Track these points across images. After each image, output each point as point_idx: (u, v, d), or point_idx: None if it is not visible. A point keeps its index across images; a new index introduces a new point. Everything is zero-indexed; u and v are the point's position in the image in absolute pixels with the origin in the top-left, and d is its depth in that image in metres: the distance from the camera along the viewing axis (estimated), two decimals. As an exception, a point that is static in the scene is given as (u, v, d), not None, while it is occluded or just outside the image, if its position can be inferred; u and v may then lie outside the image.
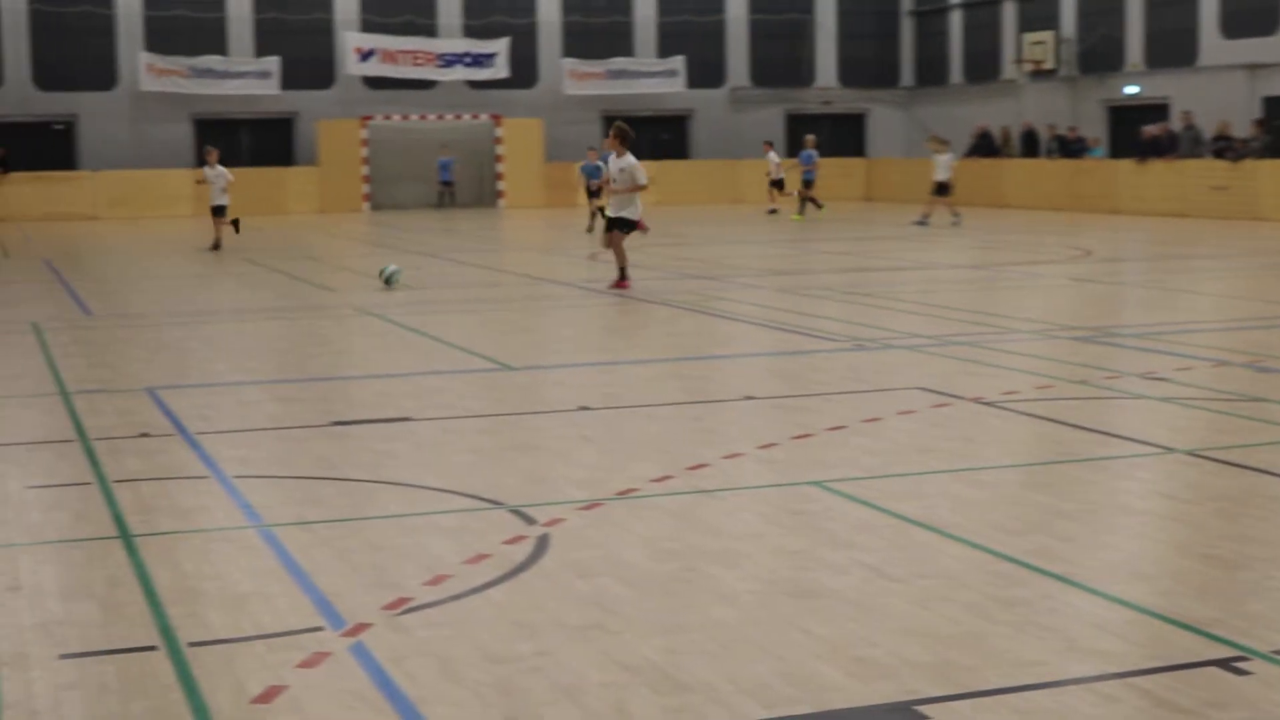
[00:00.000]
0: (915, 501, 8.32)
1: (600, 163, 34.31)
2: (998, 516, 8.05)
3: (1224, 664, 5.71)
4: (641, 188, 20.50)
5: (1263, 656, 5.79)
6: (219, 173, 29.82)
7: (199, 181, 31.11)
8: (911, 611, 6.40)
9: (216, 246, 29.24)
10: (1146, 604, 6.45)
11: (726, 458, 9.59)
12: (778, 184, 42.04)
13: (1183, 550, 7.45)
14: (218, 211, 29.72)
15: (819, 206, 39.63)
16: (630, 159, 20.42)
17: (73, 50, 46.04)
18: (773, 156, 42.49)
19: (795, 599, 6.60)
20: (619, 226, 20.70)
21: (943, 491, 8.61)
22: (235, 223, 29.76)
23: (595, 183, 32.75)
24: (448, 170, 46.29)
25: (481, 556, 7.29)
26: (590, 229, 32.64)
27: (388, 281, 20.86)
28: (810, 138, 41.61)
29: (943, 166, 35.61)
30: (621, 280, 20.55)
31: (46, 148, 45.49)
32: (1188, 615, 6.28)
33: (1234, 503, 8.34)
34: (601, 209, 33.85)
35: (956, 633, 6.12)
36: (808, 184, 39.51)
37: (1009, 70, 48.31)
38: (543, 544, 7.52)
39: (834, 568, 7.06)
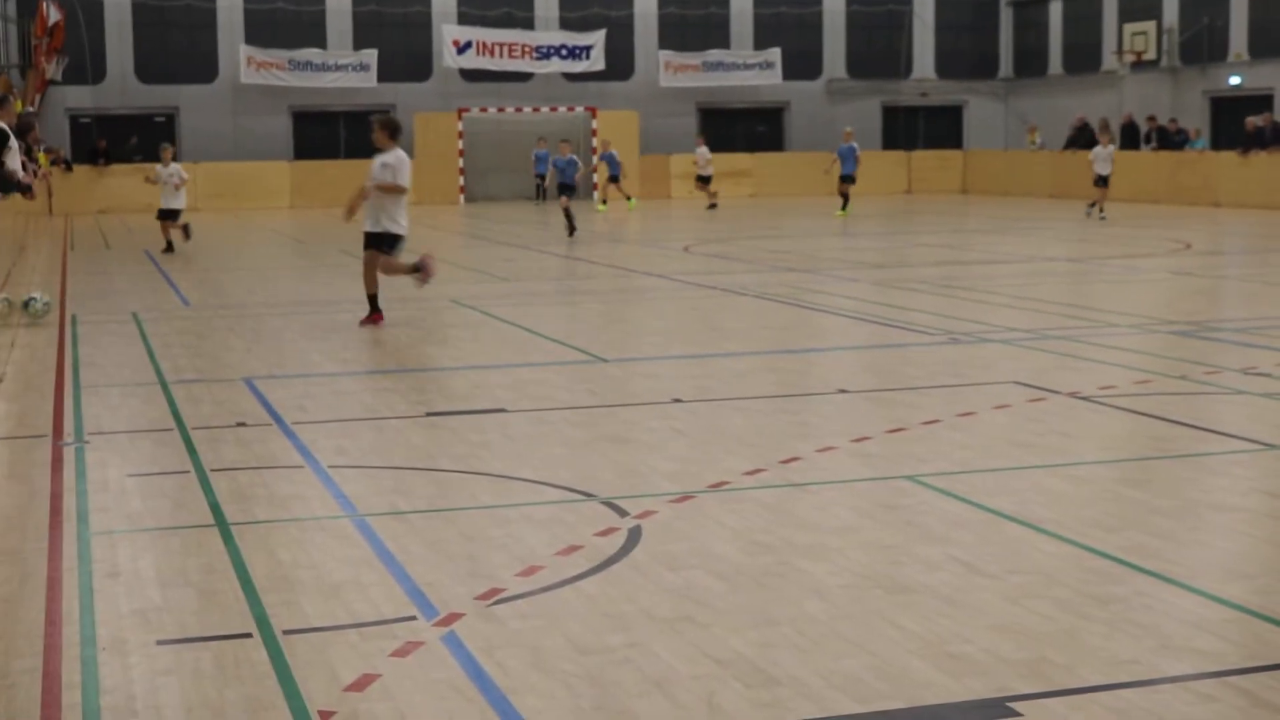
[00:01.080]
0: (1009, 497, 8.26)
1: (574, 157, 31.46)
2: (1093, 513, 7.97)
3: (1324, 664, 5.63)
4: (399, 189, 15.91)
5: (1364, 657, 5.70)
6: (173, 171, 27.17)
7: (149, 180, 28.13)
8: (1004, 608, 6.35)
9: (169, 249, 26.98)
10: (1245, 602, 6.36)
11: (819, 451, 9.56)
12: (705, 180, 41.49)
13: (1283, 548, 7.34)
14: (169, 215, 27.16)
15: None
16: (398, 153, 15.99)
17: (174, 43, 46.66)
18: (703, 151, 41.84)
19: (887, 594, 6.57)
20: (379, 245, 16.14)
21: (1037, 487, 8.54)
22: (186, 228, 27.40)
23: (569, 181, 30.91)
24: (544, 163, 46.39)
25: (573, 548, 7.31)
26: (571, 232, 30.02)
27: (26, 308, 16.82)
28: (849, 130, 39.80)
29: (1103, 159, 34.02)
30: (373, 314, 16.32)
31: (147, 140, 46.07)
32: (1287, 614, 6.19)
33: (1336, 501, 8.21)
34: (568, 209, 29.87)
35: (1050, 630, 6.07)
36: (845, 179, 37.75)
37: (1109, 61, 47.78)
38: (634, 536, 7.53)
39: (927, 563, 7.02)
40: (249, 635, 6.11)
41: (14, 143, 21.91)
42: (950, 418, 10.56)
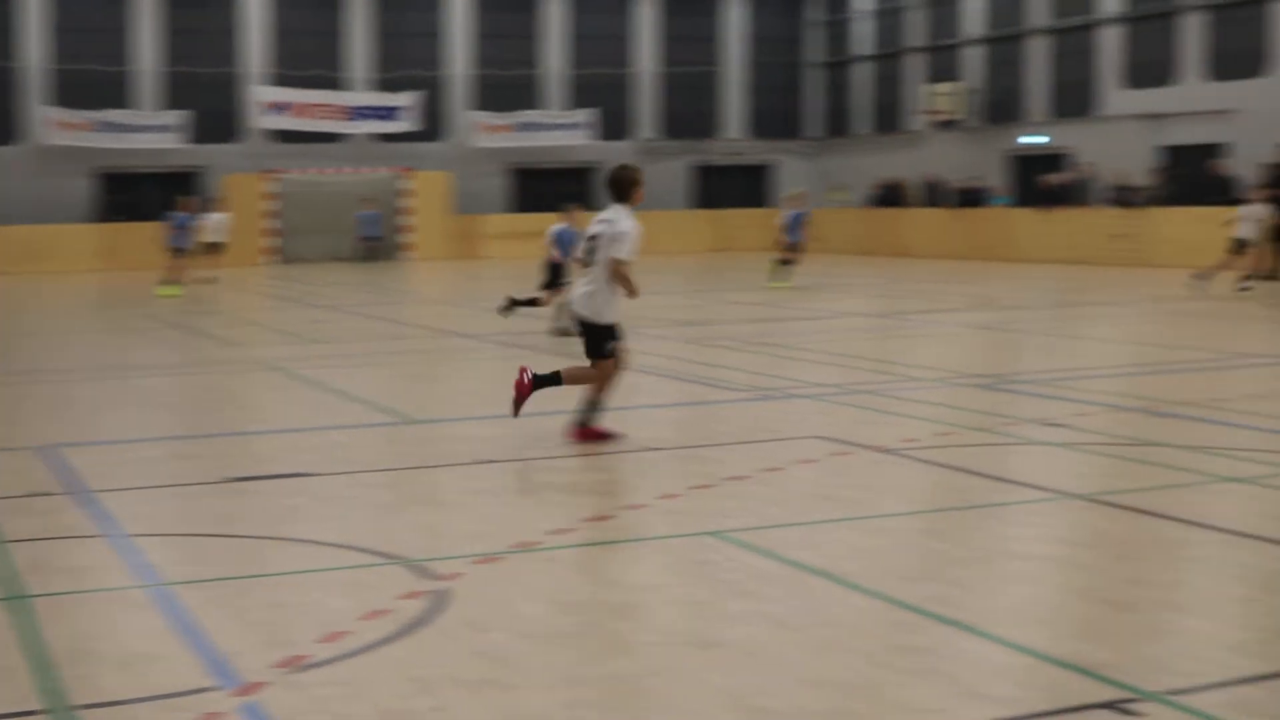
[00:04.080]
0: (815, 550, 8.35)
1: (578, 231, 22.49)
2: (895, 564, 8.09)
3: (1113, 706, 5.77)
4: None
5: (1154, 698, 5.85)
6: None
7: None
8: (810, 661, 6.41)
9: None
10: (1042, 649, 6.50)
11: (627, 509, 9.58)
12: (214, 246, 36.70)
13: (1078, 594, 7.53)
14: None
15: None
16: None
17: (-27, 105, 45.58)
18: (217, 219, 37.23)
19: (696, 650, 6.60)
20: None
21: (842, 540, 8.64)
22: None
23: (576, 259, 20.14)
24: (372, 225, 45.86)
25: (379, 612, 7.23)
26: (559, 327, 21.04)
27: None
28: (800, 191, 34.26)
29: (1248, 222, 28.52)
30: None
31: (-54, 204, 44.97)
32: (1081, 659, 6.33)
33: (1129, 547, 8.44)
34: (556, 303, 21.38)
35: (855, 681, 6.14)
36: (792, 247, 31.53)
37: (913, 121, 48.84)
38: (441, 599, 7.48)
39: (734, 618, 7.07)
40: (39, 712, 5.94)
41: None
42: (757, 473, 10.66)
